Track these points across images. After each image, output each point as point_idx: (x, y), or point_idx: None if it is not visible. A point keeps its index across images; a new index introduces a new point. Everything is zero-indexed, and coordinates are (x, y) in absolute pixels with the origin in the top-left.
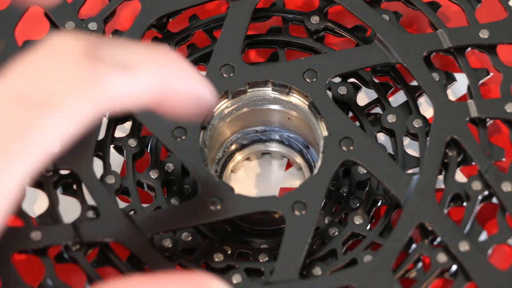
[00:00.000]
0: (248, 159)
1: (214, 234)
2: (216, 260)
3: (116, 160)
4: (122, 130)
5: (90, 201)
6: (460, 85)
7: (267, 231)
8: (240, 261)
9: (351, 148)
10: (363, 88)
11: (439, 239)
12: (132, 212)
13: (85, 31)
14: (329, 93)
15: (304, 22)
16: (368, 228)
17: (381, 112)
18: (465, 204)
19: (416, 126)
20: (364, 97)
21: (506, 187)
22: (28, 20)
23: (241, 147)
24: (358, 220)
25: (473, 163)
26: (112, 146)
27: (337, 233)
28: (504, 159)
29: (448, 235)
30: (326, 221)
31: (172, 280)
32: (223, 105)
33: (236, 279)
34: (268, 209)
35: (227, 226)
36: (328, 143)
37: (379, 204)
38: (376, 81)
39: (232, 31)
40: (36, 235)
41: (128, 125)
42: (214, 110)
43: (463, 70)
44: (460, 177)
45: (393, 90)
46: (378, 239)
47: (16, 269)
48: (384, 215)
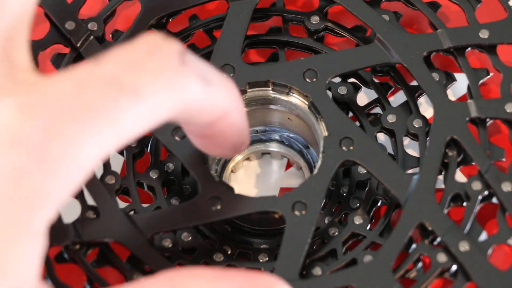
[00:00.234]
0: (248, 159)
1: (214, 234)
2: (216, 260)
3: (116, 160)
4: None
5: (90, 201)
6: (460, 85)
7: (267, 231)
8: (240, 261)
9: (351, 148)
10: (363, 88)
11: (439, 239)
12: (132, 212)
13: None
14: (329, 93)
15: (304, 22)
16: (368, 228)
17: (381, 112)
18: (465, 204)
19: (416, 126)
20: (364, 97)
21: (506, 187)
22: None
23: None
24: (358, 220)
25: (473, 163)
26: None
27: (337, 233)
28: (504, 159)
29: (448, 235)
30: (326, 221)
31: (241, 278)
32: None
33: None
34: (268, 209)
35: (227, 226)
36: (328, 143)
37: (379, 204)
38: (376, 81)
39: (232, 31)
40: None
41: None
42: None
43: (463, 70)
44: (460, 177)
45: (393, 90)
46: (378, 239)
47: None
48: (384, 215)
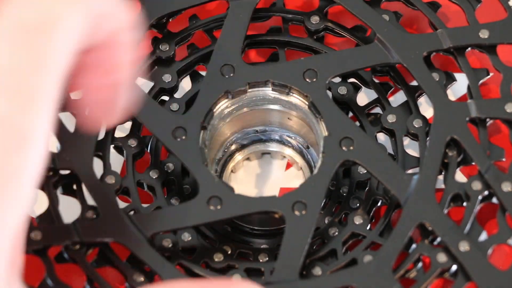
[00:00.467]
0: (248, 159)
1: (214, 234)
2: (216, 260)
3: (116, 160)
4: (122, 130)
5: (90, 201)
6: (460, 85)
7: (267, 231)
8: (240, 261)
9: (351, 148)
10: (363, 88)
11: (439, 239)
12: (132, 212)
13: None
14: (329, 93)
15: (304, 22)
16: (368, 228)
17: (381, 112)
18: (465, 204)
19: (416, 126)
20: (364, 97)
21: (506, 187)
22: None
23: (241, 147)
24: (358, 220)
25: (473, 163)
26: (112, 146)
27: (337, 233)
28: (504, 159)
29: (448, 235)
30: (326, 221)
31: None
32: (223, 105)
33: (236, 279)
34: (268, 209)
35: (227, 226)
36: (328, 143)
37: (379, 204)
38: (376, 81)
39: (232, 31)
40: (36, 235)
41: (128, 125)
42: (214, 109)
43: (463, 70)
44: (460, 177)
45: (393, 90)
46: (378, 239)
47: None
48: (384, 215)
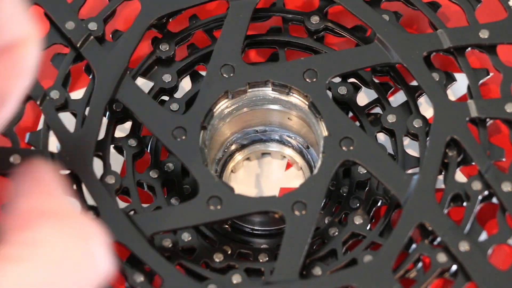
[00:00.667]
0: (248, 159)
1: (214, 234)
2: (216, 260)
3: (116, 160)
4: (122, 130)
5: (90, 201)
6: (460, 85)
7: (267, 231)
8: (240, 261)
9: (351, 148)
10: (363, 88)
11: (439, 239)
12: (132, 212)
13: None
14: (329, 93)
15: (304, 22)
16: (368, 228)
17: (381, 112)
18: (465, 204)
19: (416, 126)
20: (364, 97)
21: (506, 187)
22: None
23: (241, 147)
24: (358, 220)
25: (473, 163)
26: (112, 146)
27: (337, 233)
28: (504, 159)
29: (448, 235)
30: (326, 221)
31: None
32: (223, 105)
33: (236, 279)
34: (268, 209)
35: (227, 226)
36: (328, 143)
37: (379, 204)
38: (376, 81)
39: (232, 31)
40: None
41: (128, 125)
42: (214, 109)
43: (463, 70)
44: (460, 177)
45: (393, 90)
46: (378, 239)
47: None
48: (384, 215)
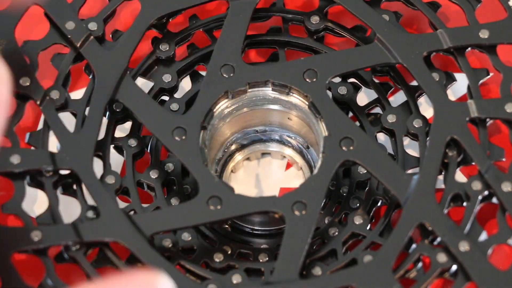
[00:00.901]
0: (248, 159)
1: (214, 234)
2: (216, 260)
3: (116, 160)
4: (122, 130)
5: (90, 201)
6: (460, 85)
7: (267, 231)
8: (240, 261)
9: (351, 148)
10: (363, 88)
11: (439, 239)
12: (132, 212)
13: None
14: (329, 93)
15: (304, 22)
16: (368, 228)
17: (381, 112)
18: (465, 204)
19: (416, 126)
20: (364, 97)
21: (506, 187)
22: (28, 20)
23: (241, 147)
24: (358, 220)
25: (473, 163)
26: (112, 146)
27: (337, 233)
28: (504, 159)
29: (448, 235)
30: (326, 221)
31: (121, 282)
32: (223, 105)
33: (236, 279)
34: (268, 209)
35: (227, 226)
36: (328, 143)
37: (379, 204)
38: (376, 81)
39: (232, 31)
40: (36, 235)
41: (128, 125)
42: (214, 109)
43: (463, 70)
44: (460, 177)
45: (393, 90)
46: (378, 239)
47: (16, 269)
48: (384, 215)
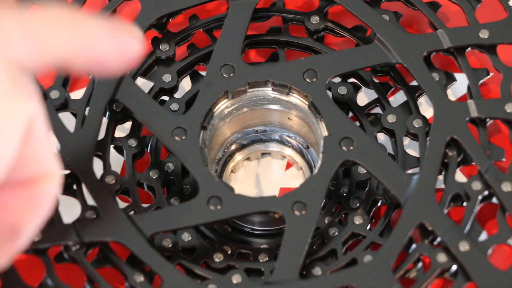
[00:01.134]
0: (248, 159)
1: (214, 234)
2: (216, 260)
3: (116, 160)
4: (122, 130)
5: (90, 201)
6: (460, 85)
7: (267, 231)
8: (240, 261)
9: (351, 148)
10: (363, 88)
11: (439, 239)
12: (132, 212)
13: None
14: (329, 93)
15: (304, 22)
16: (368, 228)
17: (381, 112)
18: (465, 204)
19: (416, 126)
20: (364, 97)
21: (506, 187)
22: None
23: (241, 147)
24: (358, 220)
25: (473, 163)
26: (112, 146)
27: (337, 233)
28: (504, 159)
29: (448, 235)
30: (326, 221)
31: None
32: (223, 105)
33: (236, 279)
34: (268, 209)
35: (227, 226)
36: (328, 143)
37: (379, 204)
38: (376, 81)
39: (232, 31)
40: (36, 235)
41: (128, 125)
42: (214, 109)
43: (463, 70)
44: (460, 177)
45: (393, 90)
46: (378, 239)
47: (16, 269)
48: (384, 215)
